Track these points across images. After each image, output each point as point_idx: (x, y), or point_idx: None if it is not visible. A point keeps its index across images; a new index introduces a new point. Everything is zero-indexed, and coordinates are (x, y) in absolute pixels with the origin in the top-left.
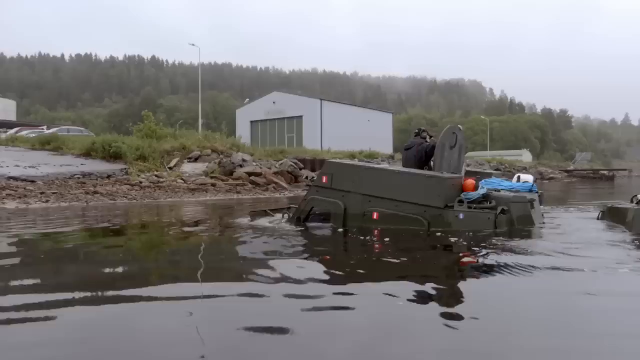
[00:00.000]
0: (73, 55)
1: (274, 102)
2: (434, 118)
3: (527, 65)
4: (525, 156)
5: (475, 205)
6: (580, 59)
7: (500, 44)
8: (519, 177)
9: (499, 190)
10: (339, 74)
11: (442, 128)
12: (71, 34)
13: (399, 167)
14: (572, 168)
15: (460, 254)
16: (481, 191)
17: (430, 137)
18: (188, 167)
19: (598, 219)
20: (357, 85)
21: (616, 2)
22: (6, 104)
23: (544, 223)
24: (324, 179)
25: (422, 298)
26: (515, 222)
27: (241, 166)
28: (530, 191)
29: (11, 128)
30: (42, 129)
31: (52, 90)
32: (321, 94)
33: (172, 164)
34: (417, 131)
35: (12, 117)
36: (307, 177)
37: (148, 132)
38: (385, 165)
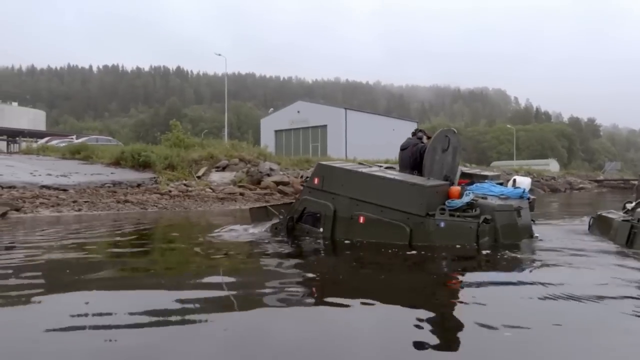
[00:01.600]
0: (100, 67)
1: (298, 111)
2: (458, 127)
3: (552, 73)
4: (552, 165)
5: (458, 214)
6: (607, 66)
7: (524, 51)
8: (514, 181)
9: (486, 197)
10: (362, 83)
11: (465, 136)
12: (99, 46)
13: (385, 172)
14: (601, 178)
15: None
16: (465, 199)
17: (428, 137)
18: (216, 176)
19: (589, 226)
20: (380, 94)
21: None
22: (36, 114)
23: (531, 235)
24: (316, 181)
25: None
26: (499, 231)
27: (269, 175)
28: (521, 197)
29: (41, 138)
30: (72, 139)
31: (80, 101)
32: (344, 103)
33: (200, 173)
34: (413, 131)
35: (41, 126)
36: (301, 177)
37: (176, 141)
38: (374, 169)
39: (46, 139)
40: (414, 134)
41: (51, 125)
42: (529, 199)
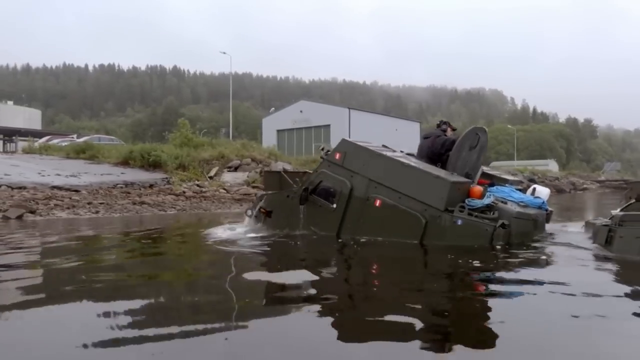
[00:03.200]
0: (96, 66)
1: (300, 111)
2: (457, 127)
3: (546, 74)
4: (552, 165)
5: (476, 214)
6: (602, 67)
7: (521, 52)
8: (534, 190)
9: (505, 202)
10: (359, 83)
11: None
12: (95, 45)
13: (410, 160)
14: (603, 178)
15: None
16: (486, 200)
17: (453, 129)
18: (228, 177)
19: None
20: (377, 94)
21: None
22: (31, 113)
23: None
24: (337, 156)
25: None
26: (513, 239)
27: None
28: (539, 208)
29: (39, 137)
30: (72, 138)
31: (76, 100)
32: (341, 103)
33: (211, 173)
34: (438, 123)
35: (37, 126)
36: (322, 149)
37: (184, 140)
38: (398, 155)
39: (46, 138)
40: (438, 125)
41: (47, 124)
42: (546, 210)
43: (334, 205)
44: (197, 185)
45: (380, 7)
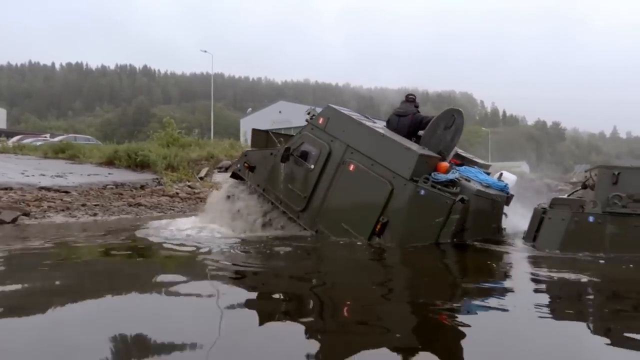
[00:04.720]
0: (63, 64)
1: (279, 112)
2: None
3: (515, 77)
4: (523, 167)
5: (439, 187)
6: (567, 72)
7: (488, 55)
8: (500, 174)
9: (469, 180)
10: (331, 84)
11: None
12: (62, 43)
13: (386, 131)
14: (574, 180)
15: None
16: (450, 175)
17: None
18: (219, 177)
19: None
20: (350, 95)
21: (602, 17)
22: None
23: (499, 228)
24: (321, 120)
25: None
26: (470, 215)
27: None
28: (501, 190)
29: (8, 136)
30: (46, 137)
31: (43, 99)
32: (315, 104)
33: (202, 174)
34: (411, 98)
35: (2, 125)
36: (309, 113)
37: (169, 139)
38: (378, 125)
39: (17, 137)
40: (411, 100)
41: (12, 123)
42: (508, 193)
43: (312, 166)
44: (189, 187)
45: (347, 9)
